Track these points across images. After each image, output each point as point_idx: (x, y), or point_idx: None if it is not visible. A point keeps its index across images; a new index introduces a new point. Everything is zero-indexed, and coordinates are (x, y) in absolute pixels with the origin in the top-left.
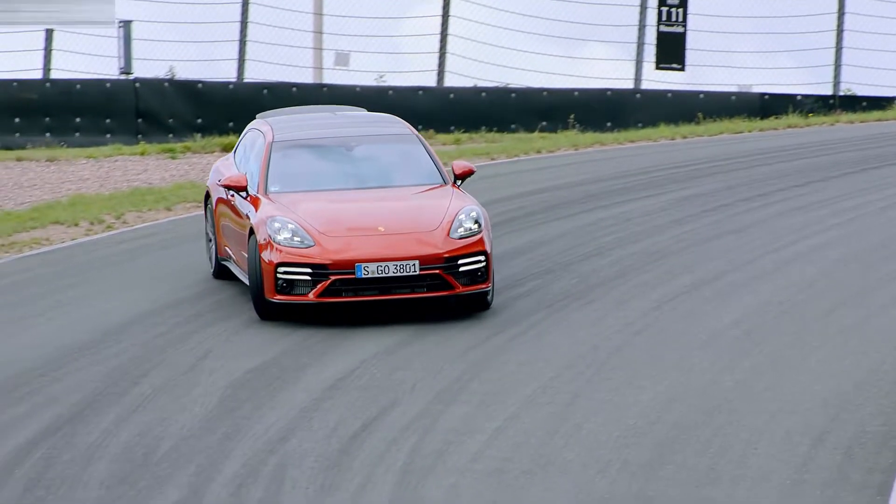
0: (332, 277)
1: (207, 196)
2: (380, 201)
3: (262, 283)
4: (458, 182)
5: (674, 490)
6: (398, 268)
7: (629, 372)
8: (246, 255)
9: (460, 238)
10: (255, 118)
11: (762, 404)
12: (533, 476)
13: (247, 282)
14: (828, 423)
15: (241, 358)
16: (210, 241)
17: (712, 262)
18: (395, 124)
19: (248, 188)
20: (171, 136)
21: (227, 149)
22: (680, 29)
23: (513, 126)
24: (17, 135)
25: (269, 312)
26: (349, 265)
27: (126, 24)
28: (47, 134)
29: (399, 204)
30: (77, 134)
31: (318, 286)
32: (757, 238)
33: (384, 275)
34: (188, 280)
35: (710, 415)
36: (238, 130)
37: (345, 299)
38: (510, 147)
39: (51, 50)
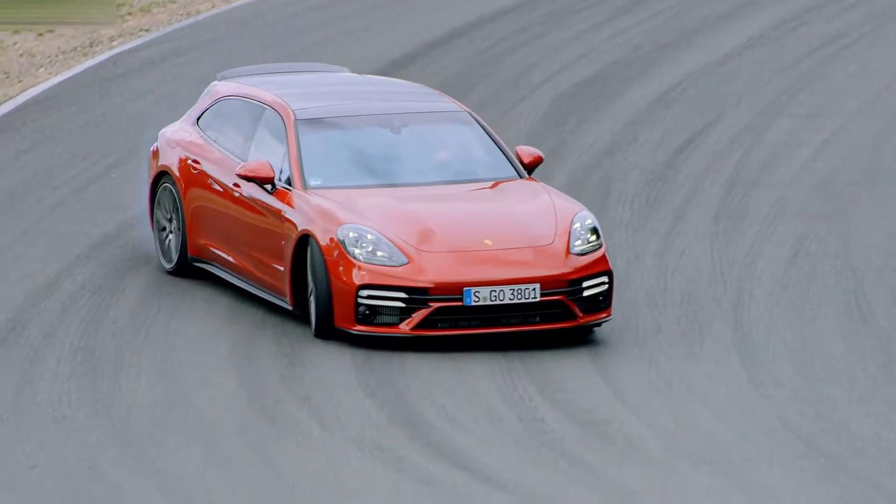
0: (435, 305)
1: (161, 174)
2: (469, 203)
3: (330, 309)
4: (529, 173)
5: None
6: (515, 293)
7: None
8: (280, 268)
9: (582, 254)
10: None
11: None
12: (860, 188)
13: (280, 303)
14: None
15: (566, 71)
16: (164, 231)
17: None
18: (438, 98)
19: (275, 180)
20: None
21: None
22: None
23: None
24: None
25: (332, 336)
26: (456, 290)
27: None
28: None
29: (497, 207)
30: None
31: (415, 316)
32: None
33: (498, 302)
34: None
35: None
36: None
37: (440, 332)
38: None
39: None
